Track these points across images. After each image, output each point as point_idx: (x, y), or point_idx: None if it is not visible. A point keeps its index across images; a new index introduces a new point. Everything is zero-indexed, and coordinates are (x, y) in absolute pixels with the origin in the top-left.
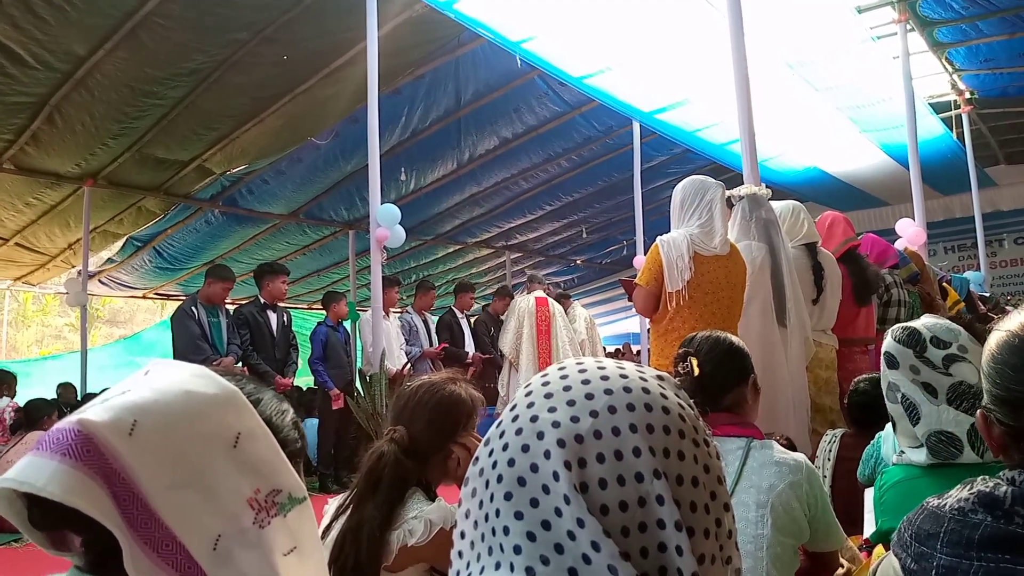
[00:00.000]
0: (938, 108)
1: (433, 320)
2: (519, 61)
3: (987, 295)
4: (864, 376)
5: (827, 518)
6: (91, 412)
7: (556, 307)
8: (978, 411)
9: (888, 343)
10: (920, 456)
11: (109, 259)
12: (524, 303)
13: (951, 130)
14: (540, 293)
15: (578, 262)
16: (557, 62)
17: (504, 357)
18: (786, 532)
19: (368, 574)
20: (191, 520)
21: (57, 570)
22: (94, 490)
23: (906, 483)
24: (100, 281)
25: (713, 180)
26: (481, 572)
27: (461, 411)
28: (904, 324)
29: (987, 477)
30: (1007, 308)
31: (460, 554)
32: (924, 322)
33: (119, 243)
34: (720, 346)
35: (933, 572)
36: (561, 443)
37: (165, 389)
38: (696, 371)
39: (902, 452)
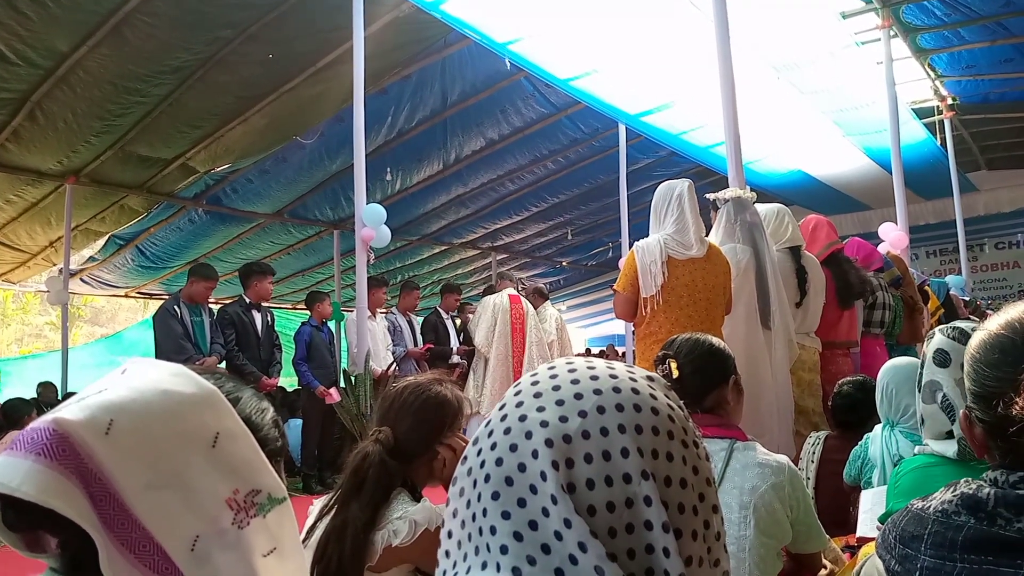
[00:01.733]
0: (921, 113)
1: (417, 320)
2: (508, 63)
3: (968, 299)
4: (848, 379)
5: (809, 520)
6: (66, 411)
7: (528, 306)
8: (960, 412)
9: (943, 341)
10: (947, 449)
11: (91, 257)
12: (498, 299)
13: (934, 135)
14: (512, 291)
15: (564, 264)
16: (543, 64)
17: (478, 351)
18: (769, 533)
19: (352, 575)
20: (168, 521)
21: (32, 572)
22: (70, 490)
23: (923, 470)
24: (82, 279)
25: (680, 180)
26: (468, 572)
27: (447, 412)
28: (954, 324)
29: (970, 479)
30: (987, 312)
31: (447, 553)
32: (970, 325)
33: (101, 241)
34: (699, 348)
35: (917, 574)
36: (549, 443)
37: (143, 388)
38: (675, 373)
39: (925, 444)
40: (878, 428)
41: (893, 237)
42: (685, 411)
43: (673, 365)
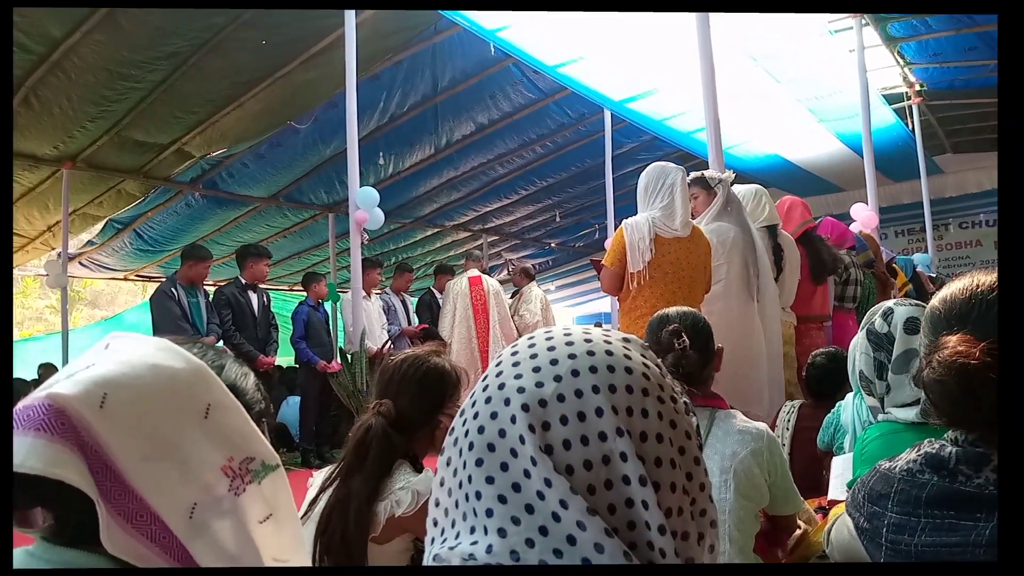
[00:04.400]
0: (890, 99)
1: (411, 301)
2: (493, 49)
3: (934, 276)
4: (821, 350)
5: (786, 484)
6: (59, 386)
7: (492, 285)
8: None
9: (914, 309)
10: (908, 414)
11: (89, 241)
12: (457, 285)
13: (903, 120)
14: (474, 272)
15: (552, 245)
16: (531, 51)
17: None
18: (747, 496)
19: (355, 546)
20: (166, 491)
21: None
22: (75, 461)
23: (888, 436)
24: (80, 263)
25: (674, 165)
26: (456, 536)
27: (447, 383)
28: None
29: (933, 439)
30: None
31: (435, 522)
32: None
33: (99, 225)
34: (699, 322)
35: (884, 530)
36: (525, 407)
37: (132, 363)
38: (689, 347)
39: (887, 412)
40: (849, 396)
41: (864, 217)
42: (662, 369)
43: (687, 339)
